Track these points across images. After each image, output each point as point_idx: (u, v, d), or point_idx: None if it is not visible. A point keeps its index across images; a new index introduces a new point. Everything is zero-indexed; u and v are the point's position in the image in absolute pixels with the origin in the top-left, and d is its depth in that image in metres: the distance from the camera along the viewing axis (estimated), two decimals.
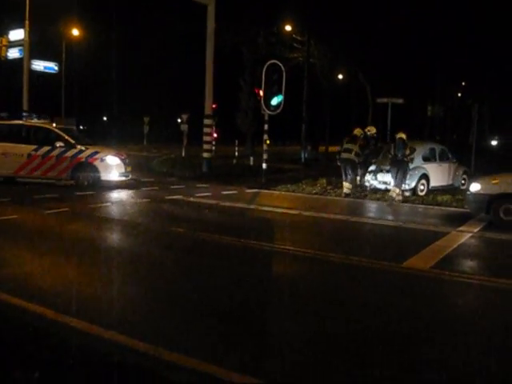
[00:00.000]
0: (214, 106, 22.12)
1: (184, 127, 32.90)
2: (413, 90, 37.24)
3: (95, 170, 16.49)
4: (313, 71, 35.94)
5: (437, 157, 18.28)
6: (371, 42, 35.24)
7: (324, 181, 18.87)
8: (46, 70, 36.42)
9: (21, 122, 17.73)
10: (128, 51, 48.47)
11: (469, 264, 9.16)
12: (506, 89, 42.54)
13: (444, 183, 18.19)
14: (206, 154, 20.97)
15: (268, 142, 19.55)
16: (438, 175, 17.97)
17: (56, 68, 39.05)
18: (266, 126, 19.13)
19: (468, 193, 12.93)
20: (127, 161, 17.32)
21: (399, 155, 16.29)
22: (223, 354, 4.75)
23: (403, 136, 16.59)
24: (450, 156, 19.12)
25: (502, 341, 5.36)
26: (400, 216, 14.00)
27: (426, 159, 17.81)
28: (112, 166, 16.70)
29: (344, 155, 17.13)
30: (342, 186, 17.42)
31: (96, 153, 16.82)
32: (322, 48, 37.45)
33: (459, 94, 46.20)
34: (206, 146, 19.64)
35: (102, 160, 16.61)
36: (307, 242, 10.10)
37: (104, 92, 50.99)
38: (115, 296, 6.42)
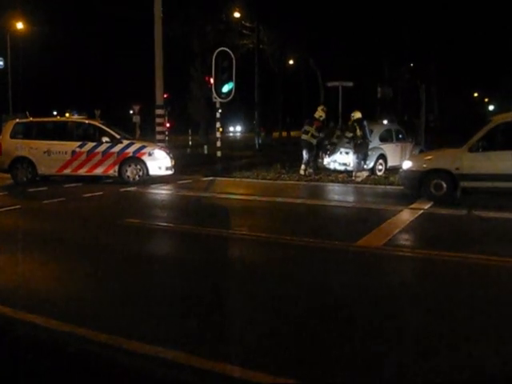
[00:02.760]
0: (165, 95, 21.96)
1: (136, 118, 32.56)
2: (362, 73, 37.65)
3: (143, 164, 16.15)
4: (263, 57, 35.99)
5: (393, 137, 18.67)
6: (320, 27, 35.45)
7: (278, 166, 19.05)
8: None
9: (64, 118, 17.26)
10: (75, 43, 47.60)
11: (419, 240, 9.43)
12: (452, 69, 43.44)
13: (401, 163, 18.56)
14: (160, 145, 20.83)
15: (221, 129, 19.56)
16: (395, 155, 18.35)
17: (1, 63, 38.14)
18: (218, 114, 19.14)
19: (401, 170, 13.45)
20: (171, 155, 16.99)
21: (369, 137, 16.70)
22: (183, 340, 4.81)
23: (360, 116, 16.86)
24: (406, 136, 19.56)
25: (438, 307, 5.58)
26: (353, 197, 14.28)
27: (383, 140, 18.16)
28: (160, 160, 16.37)
29: (302, 137, 17.86)
30: (297, 170, 17.74)
31: (143, 147, 16.46)
32: (272, 34, 37.49)
33: (407, 76, 46.91)
34: (159, 137, 19.50)
35: (150, 154, 16.26)
36: (263, 227, 10.22)
37: (53, 86, 50.01)
38: (73, 290, 6.41)
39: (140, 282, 6.68)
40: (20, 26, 41.46)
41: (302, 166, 17.43)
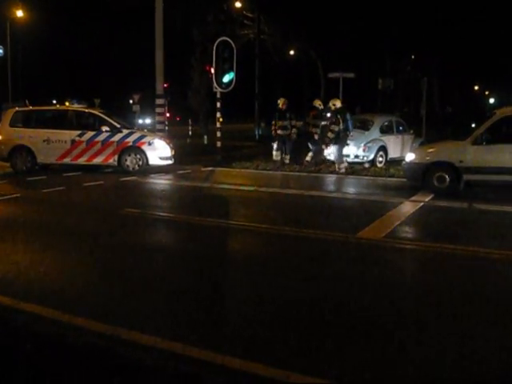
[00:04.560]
0: (165, 85, 21.88)
1: (136, 108, 32.44)
2: (363, 65, 37.52)
3: (143, 154, 16.16)
4: (264, 48, 35.83)
5: (394, 129, 18.61)
6: (321, 17, 35.29)
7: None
8: None
9: (63, 107, 17.24)
10: (76, 32, 47.39)
11: (420, 232, 9.42)
12: (453, 62, 43.34)
13: (402, 155, 18.46)
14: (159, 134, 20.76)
15: (221, 119, 19.49)
16: (396, 147, 18.31)
17: (1, 51, 37.98)
18: (218, 104, 19.06)
19: (404, 163, 13.43)
20: (171, 144, 16.96)
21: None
22: (182, 331, 4.77)
23: (340, 104, 16.76)
24: (407, 128, 19.49)
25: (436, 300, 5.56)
26: (354, 188, 14.23)
27: (384, 131, 18.10)
28: (160, 150, 16.37)
29: (307, 129, 17.99)
30: (297, 162, 17.80)
31: (143, 136, 16.49)
32: (273, 24, 37.29)
33: (409, 68, 46.81)
34: (159, 126, 19.46)
35: (150, 144, 16.25)
36: (263, 217, 10.17)
37: (53, 75, 49.81)
38: (72, 279, 6.37)
39: (139, 272, 6.64)
40: (20, 13, 41.20)
41: (308, 157, 17.51)
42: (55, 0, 44.11)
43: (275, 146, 18.12)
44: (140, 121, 35.13)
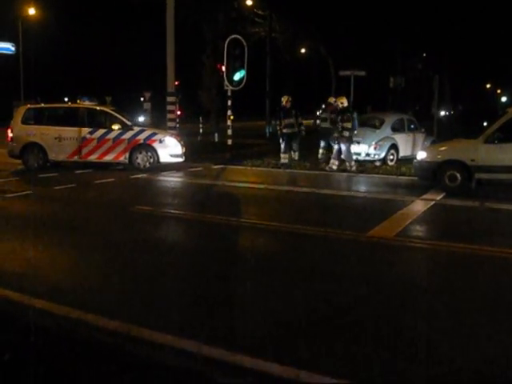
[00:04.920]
0: (176, 83, 21.89)
1: (147, 105, 32.53)
2: (375, 63, 37.39)
3: (154, 151, 16.20)
4: (275, 46, 35.76)
5: (405, 127, 18.52)
6: (331, 15, 35.19)
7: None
8: (3, 51, 35.59)
9: (75, 104, 17.35)
10: (87, 29, 47.52)
11: (431, 231, 9.36)
12: (465, 60, 43.13)
13: (413, 153, 18.32)
14: (170, 132, 20.75)
15: (232, 117, 19.48)
16: (407, 145, 18.23)
17: (13, 49, 38.19)
18: (229, 102, 19.04)
19: (415, 161, 13.38)
20: (182, 142, 17.00)
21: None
22: (193, 329, 4.77)
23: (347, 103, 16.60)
24: (418, 126, 19.38)
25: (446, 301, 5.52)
26: (365, 187, 14.19)
27: (395, 130, 18.01)
28: (171, 148, 16.39)
29: (322, 124, 17.73)
30: (307, 159, 17.68)
31: (154, 134, 16.49)
32: (284, 22, 37.22)
33: (420, 66, 46.60)
34: (169, 124, 19.48)
35: (161, 141, 16.27)
36: (273, 216, 10.15)
37: (64, 73, 49.98)
38: (82, 276, 6.39)
39: (150, 269, 6.65)
40: (32, 11, 41.43)
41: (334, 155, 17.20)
42: None
43: (283, 147, 17.56)
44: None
